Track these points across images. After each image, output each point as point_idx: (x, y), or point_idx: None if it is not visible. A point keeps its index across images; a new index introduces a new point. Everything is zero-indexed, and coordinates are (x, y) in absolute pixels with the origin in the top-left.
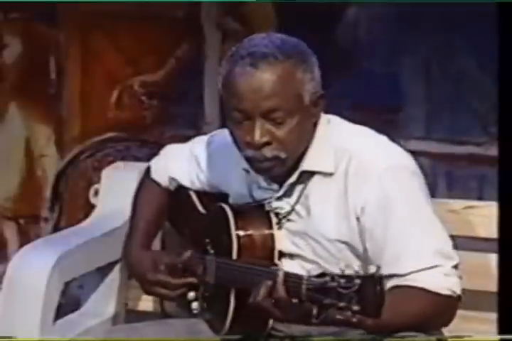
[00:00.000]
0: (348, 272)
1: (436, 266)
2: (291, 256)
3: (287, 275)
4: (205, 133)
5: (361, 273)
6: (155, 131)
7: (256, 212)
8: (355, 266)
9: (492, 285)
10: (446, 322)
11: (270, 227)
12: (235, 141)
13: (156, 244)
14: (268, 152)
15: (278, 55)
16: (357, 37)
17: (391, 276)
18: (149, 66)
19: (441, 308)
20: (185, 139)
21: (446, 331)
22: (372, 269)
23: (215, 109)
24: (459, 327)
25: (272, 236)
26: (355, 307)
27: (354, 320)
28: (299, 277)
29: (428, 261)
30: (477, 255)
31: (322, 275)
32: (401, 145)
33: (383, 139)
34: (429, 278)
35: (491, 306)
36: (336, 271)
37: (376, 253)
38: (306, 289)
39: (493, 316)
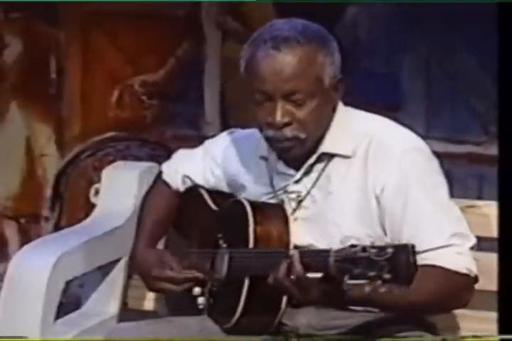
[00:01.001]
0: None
1: (452, 245)
2: (305, 248)
3: (311, 250)
4: (205, 133)
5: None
6: (155, 130)
7: (272, 207)
8: (363, 238)
9: (492, 284)
10: (463, 303)
11: (286, 222)
12: (257, 122)
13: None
14: (288, 132)
15: (300, 38)
16: (357, 36)
17: None
18: (150, 65)
19: (458, 286)
20: (185, 139)
21: (446, 331)
22: (385, 240)
23: (216, 108)
24: (458, 326)
25: (287, 231)
26: (387, 276)
27: (383, 289)
28: (326, 250)
29: (444, 240)
30: (477, 254)
31: (353, 246)
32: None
33: (398, 126)
34: (445, 256)
35: (491, 305)
36: None
37: (394, 234)
38: (334, 261)
39: (493, 315)
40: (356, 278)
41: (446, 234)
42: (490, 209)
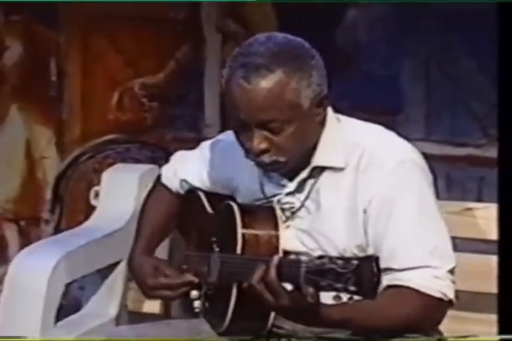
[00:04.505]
0: (346, 255)
1: (430, 267)
2: (297, 254)
3: (286, 260)
4: (205, 135)
5: (359, 255)
6: (155, 133)
7: (263, 211)
8: (354, 249)
9: (492, 286)
10: (434, 324)
11: (276, 226)
12: (240, 145)
13: (163, 253)
14: (267, 158)
15: (271, 65)
16: (357, 38)
17: (386, 270)
18: (150, 68)
19: (429, 310)
20: (185, 141)
21: (446, 332)
22: (370, 251)
23: (216, 111)
24: (458, 328)
25: (277, 235)
26: (352, 288)
27: (351, 302)
28: (298, 260)
29: (424, 260)
30: (477, 257)
31: (320, 257)
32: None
33: (394, 135)
34: (420, 278)
35: (490, 308)
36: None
37: (375, 246)
38: (304, 272)
39: (493, 318)
40: (324, 290)
41: (425, 254)
42: (490, 211)
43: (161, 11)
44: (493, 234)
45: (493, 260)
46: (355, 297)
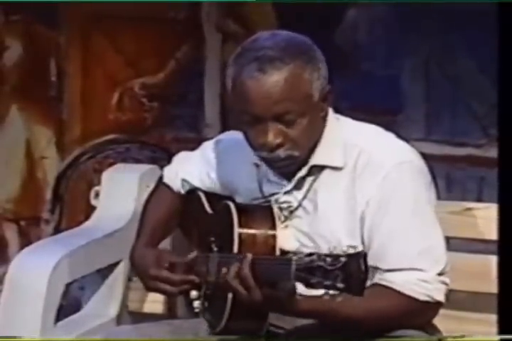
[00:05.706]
0: (336, 252)
1: (417, 270)
2: (295, 254)
3: (277, 258)
4: (205, 136)
5: (348, 252)
6: (155, 133)
7: (261, 210)
8: (343, 246)
9: (492, 286)
10: (422, 324)
11: (273, 226)
12: (249, 142)
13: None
14: (282, 152)
15: (284, 58)
16: (357, 38)
17: (374, 268)
18: (150, 68)
19: (412, 312)
20: (185, 141)
21: (445, 332)
22: (359, 248)
23: (216, 111)
24: (458, 328)
25: (274, 235)
26: (340, 285)
27: (339, 298)
28: (289, 259)
29: (411, 262)
30: (477, 257)
31: (310, 254)
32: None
33: (392, 136)
34: (404, 281)
35: (490, 308)
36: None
37: (367, 243)
38: (295, 269)
39: (493, 318)
40: (314, 287)
41: (413, 256)
42: (490, 211)
43: (161, 11)
44: (493, 234)
45: (493, 260)
46: None
